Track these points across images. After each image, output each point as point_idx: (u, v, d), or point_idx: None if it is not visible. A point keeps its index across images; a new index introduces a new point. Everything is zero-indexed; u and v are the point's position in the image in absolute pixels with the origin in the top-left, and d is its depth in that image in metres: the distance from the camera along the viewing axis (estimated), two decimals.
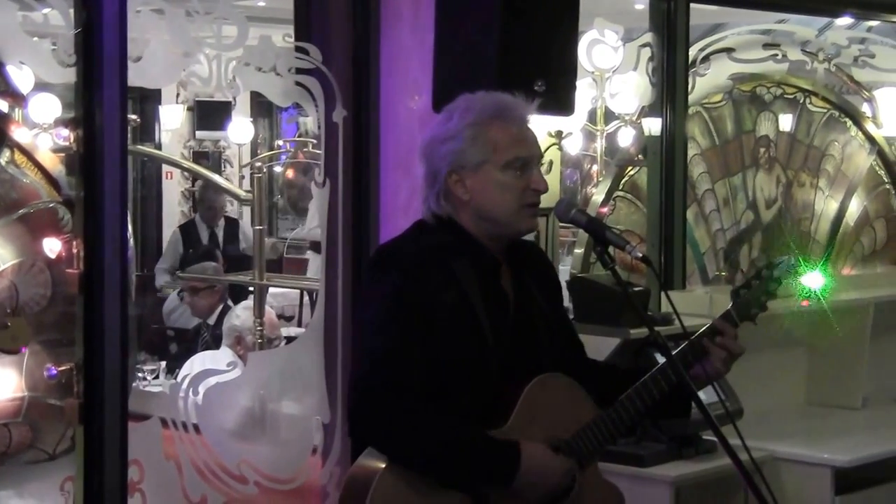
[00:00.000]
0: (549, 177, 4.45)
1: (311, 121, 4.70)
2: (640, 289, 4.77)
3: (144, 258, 10.08)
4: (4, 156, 4.79)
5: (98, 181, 3.91)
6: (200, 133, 12.11)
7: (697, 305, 5.00)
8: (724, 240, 6.23)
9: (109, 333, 3.94)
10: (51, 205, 4.76)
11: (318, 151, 4.68)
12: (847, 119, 6.69)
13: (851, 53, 6.57)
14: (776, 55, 6.35)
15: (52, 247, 4.61)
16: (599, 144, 6.78)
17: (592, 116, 6.65)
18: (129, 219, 4.28)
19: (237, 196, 9.20)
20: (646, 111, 5.75)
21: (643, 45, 5.59)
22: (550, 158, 5.69)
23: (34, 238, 4.71)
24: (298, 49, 4.46)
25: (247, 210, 10.18)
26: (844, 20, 6.63)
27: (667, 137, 5.51)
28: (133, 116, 7.38)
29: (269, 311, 6.25)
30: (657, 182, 5.55)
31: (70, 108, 4.04)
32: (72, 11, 3.89)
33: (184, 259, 9.26)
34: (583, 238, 6.22)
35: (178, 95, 11.65)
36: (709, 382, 2.97)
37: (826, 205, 6.60)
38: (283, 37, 4.52)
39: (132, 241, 5.83)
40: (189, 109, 11.92)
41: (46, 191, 4.79)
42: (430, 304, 2.79)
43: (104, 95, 3.89)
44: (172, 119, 11.37)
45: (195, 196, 10.24)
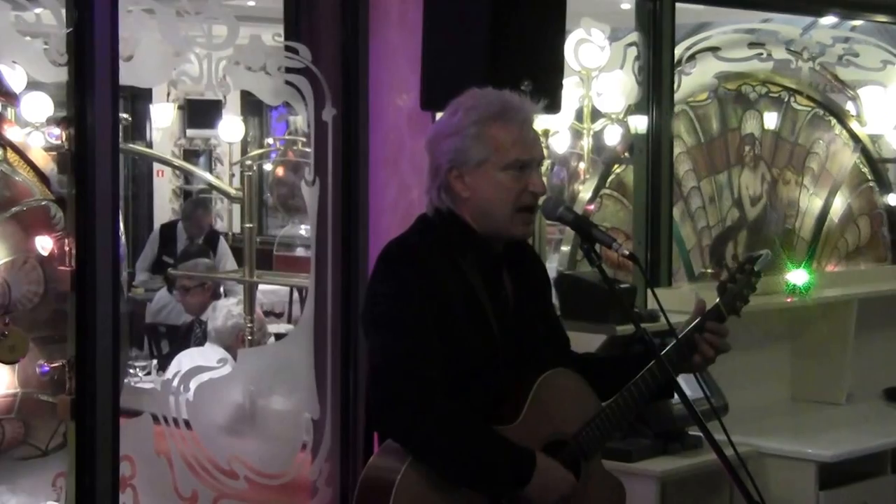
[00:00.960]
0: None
1: (301, 119, 4.72)
2: (627, 286, 4.77)
3: (136, 256, 10.08)
4: None
5: (90, 179, 3.93)
6: (191, 131, 12.10)
7: (683, 302, 4.96)
8: (710, 237, 6.25)
9: (101, 330, 3.95)
10: (43, 203, 4.77)
11: (308, 150, 4.70)
12: (831, 117, 6.72)
13: (836, 52, 6.60)
14: (761, 54, 6.38)
15: (45, 244, 4.61)
16: (586, 143, 6.78)
17: (579, 115, 6.65)
18: (121, 217, 4.29)
19: (227, 194, 9.22)
20: (632, 109, 5.75)
21: (629, 45, 5.61)
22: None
23: (26, 236, 4.71)
24: (288, 48, 4.48)
25: (236, 207, 10.20)
26: (829, 19, 6.64)
27: (653, 135, 5.52)
28: (124, 115, 7.40)
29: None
30: (643, 180, 5.57)
31: (62, 107, 4.06)
32: (64, 11, 3.91)
33: (157, 261, 9.31)
34: (569, 235, 6.24)
35: (169, 94, 11.64)
36: (700, 370, 3.04)
37: (810, 202, 6.63)
38: (273, 36, 4.53)
39: (123, 239, 5.85)
40: (180, 108, 11.91)
41: (39, 189, 4.80)
42: (441, 298, 2.82)
43: (96, 94, 3.91)
44: (163, 118, 11.36)
45: (184, 210, 10.24)
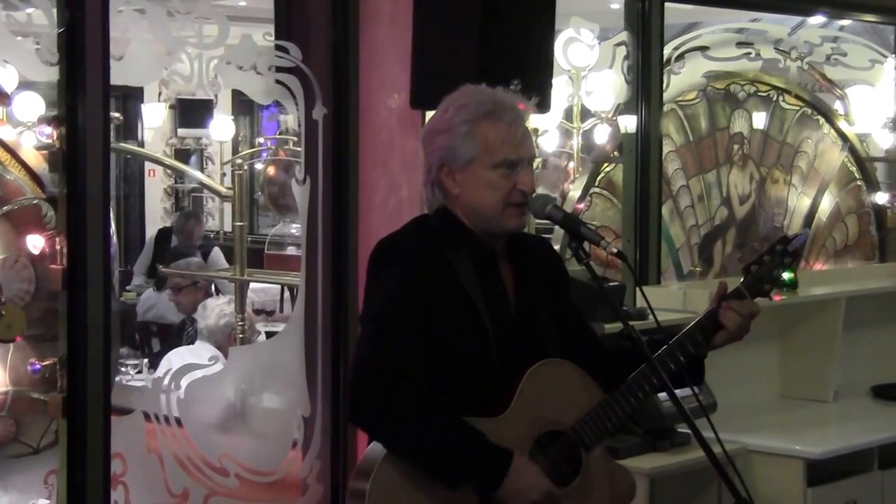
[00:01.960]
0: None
1: (292, 118, 4.73)
2: (616, 284, 4.78)
3: (127, 255, 10.09)
4: None
5: (81, 178, 3.94)
6: (182, 131, 12.10)
7: (672, 301, 5.04)
8: (699, 236, 6.27)
9: (92, 329, 3.97)
10: (34, 201, 4.78)
11: (299, 149, 4.71)
12: (819, 116, 6.74)
13: (824, 52, 6.63)
14: (749, 53, 6.40)
15: (36, 243, 4.62)
16: (576, 142, 6.81)
17: (569, 114, 6.68)
18: (112, 215, 4.30)
19: (218, 192, 9.22)
20: (621, 109, 5.76)
21: (618, 44, 5.61)
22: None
23: (18, 234, 4.72)
24: (279, 48, 4.49)
25: (228, 206, 10.21)
26: (817, 19, 6.65)
27: (642, 134, 5.53)
28: (115, 114, 7.40)
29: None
30: (632, 179, 5.58)
31: (54, 107, 4.06)
32: (55, 11, 3.91)
33: (152, 266, 9.32)
34: (558, 234, 6.25)
35: (161, 94, 11.64)
36: (732, 342, 2.95)
37: (799, 201, 6.65)
38: (264, 35, 4.54)
39: (115, 238, 5.86)
40: (171, 107, 11.90)
41: (30, 188, 4.82)
42: (430, 296, 2.82)
43: (87, 94, 3.93)
44: (155, 117, 11.35)
45: (176, 222, 10.26)
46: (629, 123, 5.61)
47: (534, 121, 5.93)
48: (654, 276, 5.54)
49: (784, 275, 2.96)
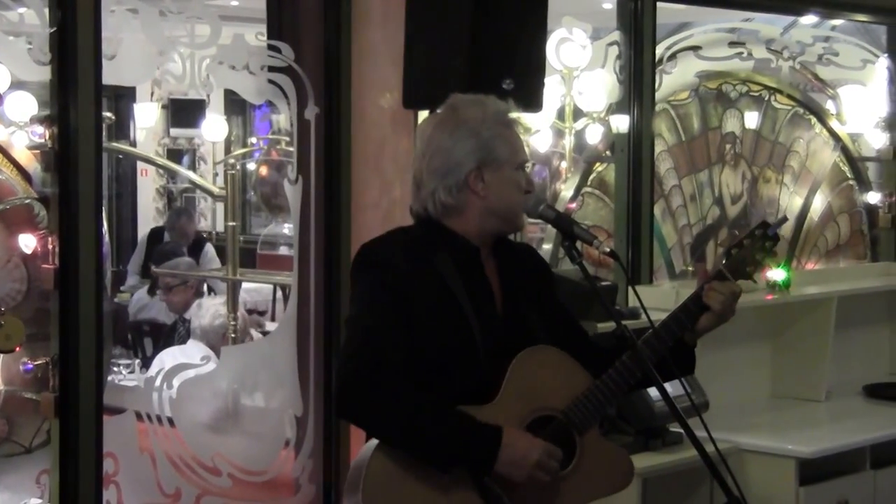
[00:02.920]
0: None
1: (284, 118, 4.73)
2: (608, 283, 4.79)
3: (119, 254, 10.08)
4: None
5: (73, 178, 3.94)
6: (175, 131, 12.08)
7: (664, 300, 5.03)
8: (691, 235, 6.29)
9: (84, 328, 3.96)
10: (26, 201, 4.78)
11: (291, 149, 4.72)
12: (811, 116, 6.76)
13: (816, 51, 6.64)
14: (741, 53, 6.42)
15: (28, 243, 4.63)
16: (568, 141, 6.83)
17: (561, 114, 6.69)
18: (105, 215, 4.30)
19: (210, 192, 9.23)
20: (613, 108, 5.77)
21: (611, 44, 5.62)
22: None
23: (10, 234, 4.72)
24: (271, 47, 4.49)
25: (220, 206, 10.21)
26: (809, 19, 6.67)
27: (634, 134, 5.53)
28: (108, 114, 7.39)
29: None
30: (625, 178, 5.57)
31: (46, 106, 4.06)
32: (47, 11, 3.91)
33: (145, 266, 9.31)
34: (551, 234, 6.26)
35: (153, 93, 11.63)
36: (719, 324, 2.99)
37: (791, 200, 6.66)
38: (256, 35, 4.54)
39: (107, 238, 5.85)
40: (163, 107, 11.90)
41: (22, 187, 4.82)
42: (413, 295, 2.84)
43: (79, 93, 3.92)
44: (147, 117, 11.34)
45: (168, 220, 10.28)
46: (621, 123, 5.62)
47: (526, 120, 5.97)
48: (647, 276, 5.55)
49: (765, 258, 3.00)
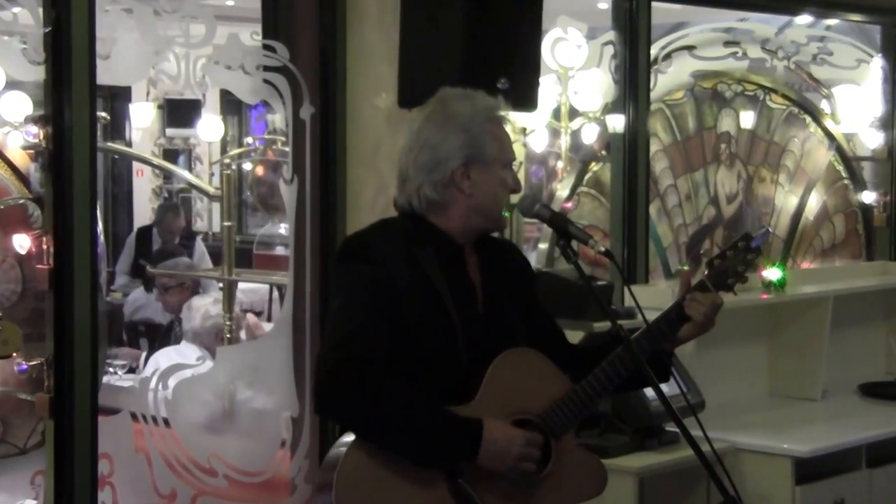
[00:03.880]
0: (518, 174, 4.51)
1: (280, 118, 4.72)
2: (604, 283, 4.78)
3: (115, 255, 10.07)
4: None
5: (67, 178, 3.93)
6: (171, 131, 12.10)
7: (660, 299, 5.01)
8: (687, 234, 6.29)
9: (80, 329, 3.96)
10: (21, 201, 4.78)
11: (287, 149, 4.72)
12: (806, 116, 6.78)
13: (810, 51, 6.66)
14: (737, 53, 6.43)
15: (23, 243, 4.62)
16: (563, 141, 6.83)
17: (556, 113, 6.69)
18: (100, 216, 4.29)
19: (206, 192, 9.22)
20: (609, 108, 5.77)
21: (606, 43, 5.63)
22: (521, 160, 5.75)
23: (4, 234, 4.72)
24: (266, 47, 4.49)
25: (216, 206, 10.21)
26: (804, 18, 6.67)
27: (629, 134, 5.53)
28: (102, 114, 7.39)
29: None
30: (620, 178, 5.58)
31: (40, 106, 4.05)
32: (41, 10, 3.91)
33: (135, 265, 9.31)
34: (547, 233, 6.27)
35: (149, 93, 11.63)
36: (699, 335, 3.00)
37: (786, 200, 6.68)
38: (251, 35, 4.53)
39: (102, 238, 5.85)
40: (159, 107, 11.90)
41: (16, 187, 4.81)
42: (395, 292, 2.82)
43: (73, 93, 3.92)
44: (143, 117, 11.35)
45: (156, 215, 10.29)
46: (617, 123, 5.62)
47: (522, 120, 5.97)
48: (643, 275, 5.55)
49: (746, 271, 3.01)
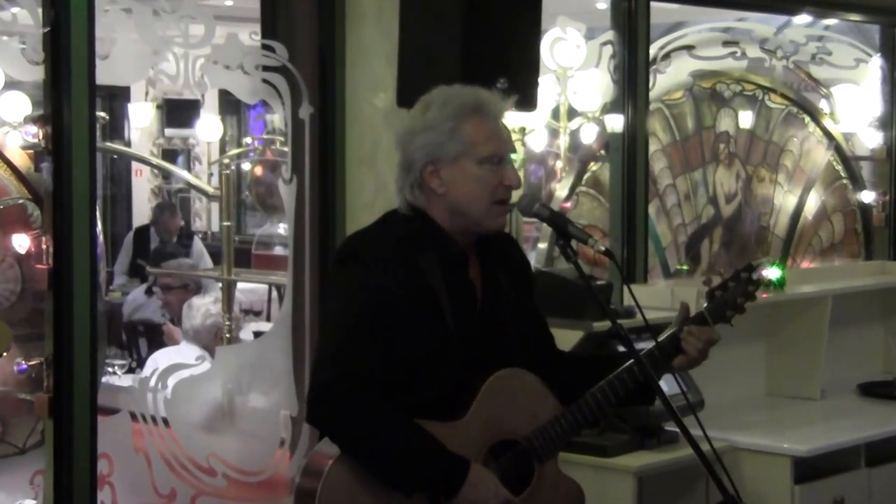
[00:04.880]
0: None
1: (279, 118, 4.73)
2: (603, 282, 4.77)
3: (114, 255, 10.08)
4: None
5: (67, 178, 3.93)
6: (169, 131, 12.11)
7: (659, 299, 5.04)
8: (686, 234, 6.29)
9: (79, 329, 3.96)
10: (20, 201, 4.78)
11: (286, 148, 4.72)
12: (805, 115, 6.77)
13: (809, 51, 6.66)
14: (735, 52, 6.43)
15: (22, 243, 4.62)
16: (562, 141, 6.83)
17: (555, 113, 6.69)
18: (99, 215, 4.30)
19: (205, 192, 9.23)
20: (608, 108, 5.77)
21: (605, 43, 5.63)
22: (523, 157, 5.75)
23: (4, 234, 4.72)
24: (265, 47, 4.49)
25: (215, 206, 10.22)
26: (803, 18, 6.67)
27: (628, 133, 5.53)
28: (101, 114, 7.40)
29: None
30: (619, 177, 5.58)
31: (39, 106, 4.06)
32: (40, 10, 3.91)
33: (133, 264, 9.32)
34: (546, 233, 6.27)
35: (148, 94, 11.64)
36: (689, 368, 3.01)
37: (785, 199, 6.68)
38: (250, 35, 4.54)
39: (101, 238, 5.85)
40: (158, 107, 11.91)
41: (16, 187, 4.81)
42: (393, 297, 2.79)
43: (72, 93, 3.92)
44: (142, 117, 11.35)
45: (153, 215, 10.31)
46: (615, 122, 5.62)
47: (521, 120, 5.97)
48: (642, 275, 5.55)
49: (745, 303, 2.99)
